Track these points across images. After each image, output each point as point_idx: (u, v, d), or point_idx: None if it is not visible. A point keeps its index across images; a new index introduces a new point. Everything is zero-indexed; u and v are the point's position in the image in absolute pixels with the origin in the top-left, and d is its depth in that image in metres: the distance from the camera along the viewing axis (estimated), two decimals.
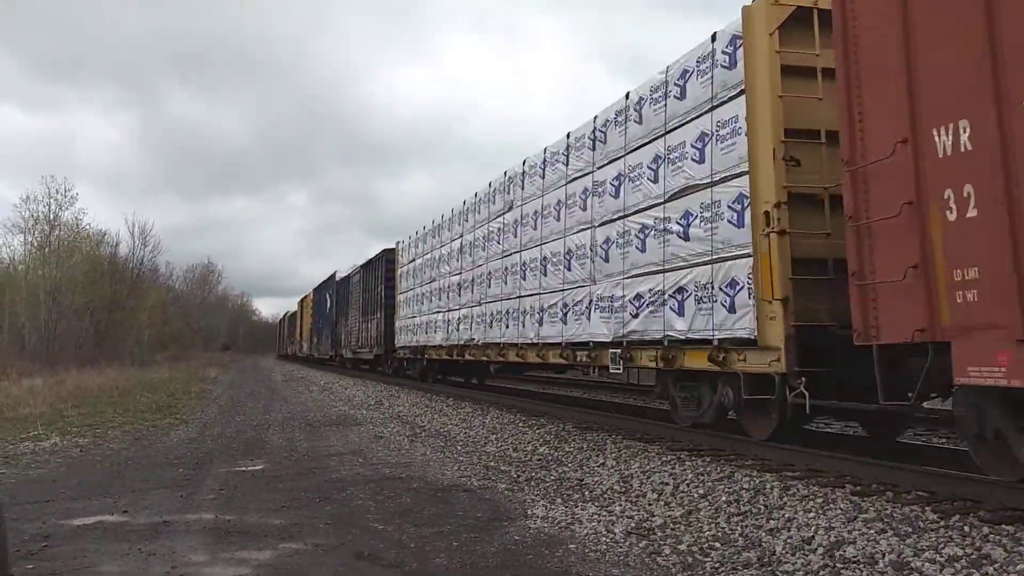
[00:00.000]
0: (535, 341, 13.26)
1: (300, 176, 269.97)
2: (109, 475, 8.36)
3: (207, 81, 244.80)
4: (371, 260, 29.91)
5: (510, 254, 14.82)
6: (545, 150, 13.51)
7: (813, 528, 5.23)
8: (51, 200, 46.78)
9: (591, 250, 11.29)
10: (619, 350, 10.28)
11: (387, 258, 27.00)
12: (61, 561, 4.97)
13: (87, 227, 50.23)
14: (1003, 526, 5.00)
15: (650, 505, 6.23)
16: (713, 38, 8.58)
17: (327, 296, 41.17)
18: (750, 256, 7.75)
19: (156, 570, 4.75)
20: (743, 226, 7.89)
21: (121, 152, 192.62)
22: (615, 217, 10.57)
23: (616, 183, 10.63)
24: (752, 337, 7.68)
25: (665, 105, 9.50)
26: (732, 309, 8.01)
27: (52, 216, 47.05)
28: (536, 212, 13.64)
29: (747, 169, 7.84)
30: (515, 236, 14.62)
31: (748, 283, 7.77)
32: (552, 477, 7.63)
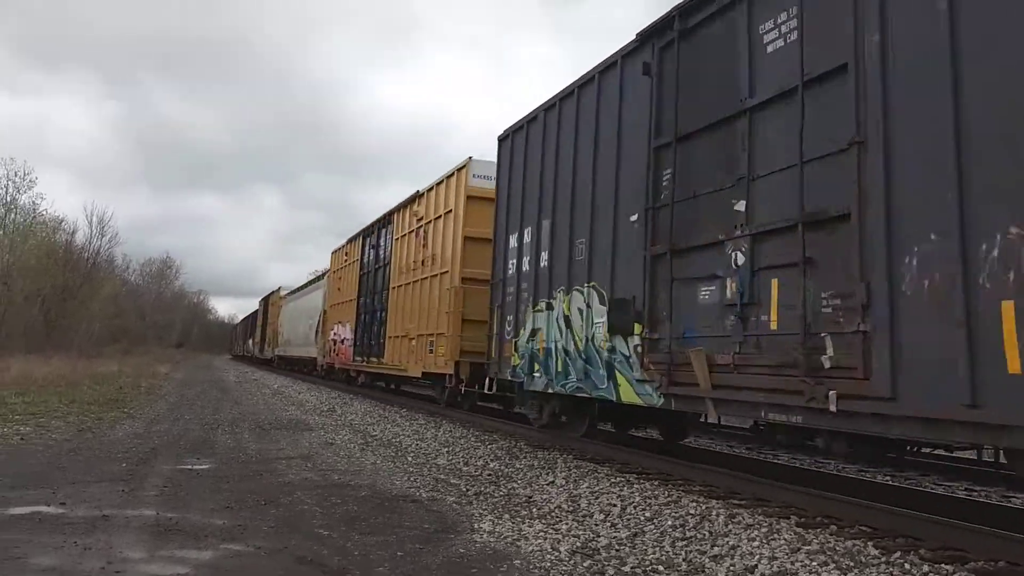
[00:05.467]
0: None
1: (276, 179, 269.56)
2: (49, 466, 8.16)
3: (192, 79, 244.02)
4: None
5: None
6: None
7: (757, 557, 5.26)
8: (9, 183, 46.04)
9: None
10: None
11: None
12: None
13: (44, 212, 49.43)
14: (943, 565, 5.08)
15: (596, 525, 6.23)
16: None
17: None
18: None
19: (91, 565, 4.63)
20: None
21: (99, 143, 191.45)
22: None
23: None
24: None
25: None
26: None
27: (9, 199, 46.25)
28: None
29: None
30: None
31: None
32: (501, 493, 7.60)
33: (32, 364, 26.77)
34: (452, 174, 15.30)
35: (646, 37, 8.45)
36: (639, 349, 8.14)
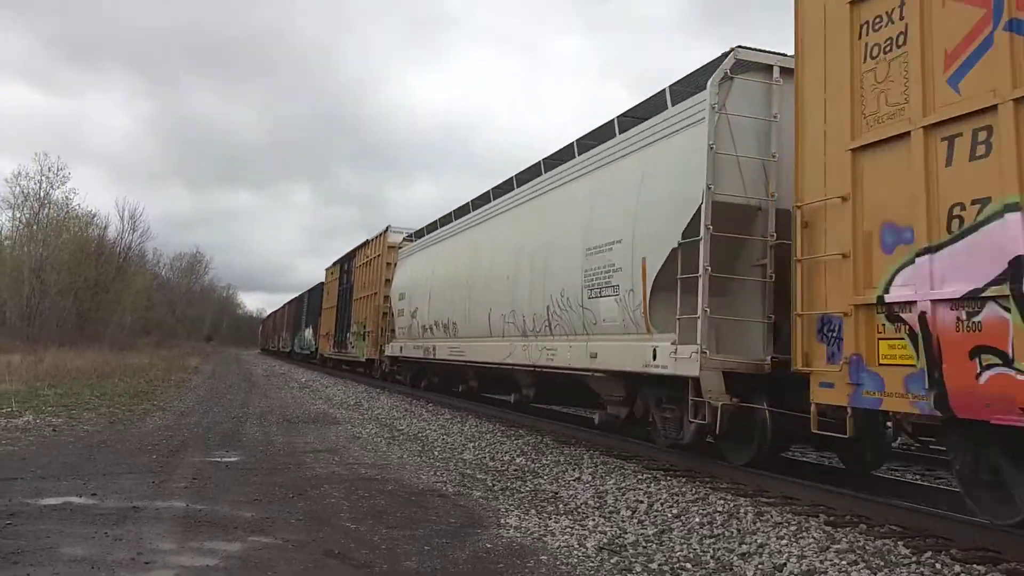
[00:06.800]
0: None
1: (307, 175, 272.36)
2: (81, 457, 8.27)
3: (226, 76, 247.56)
4: None
5: None
6: None
7: (785, 555, 5.21)
8: (43, 178, 46.78)
9: None
10: None
11: None
12: (24, 540, 4.90)
13: (76, 207, 50.21)
14: (974, 566, 5.00)
15: (623, 522, 6.20)
16: None
17: None
18: None
19: (121, 555, 4.68)
20: None
21: (135, 139, 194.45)
22: None
23: None
24: None
25: None
26: None
27: (43, 194, 47.02)
28: None
29: None
30: None
31: None
32: (527, 488, 7.59)
33: (65, 356, 27.18)
34: None
35: None
36: None
